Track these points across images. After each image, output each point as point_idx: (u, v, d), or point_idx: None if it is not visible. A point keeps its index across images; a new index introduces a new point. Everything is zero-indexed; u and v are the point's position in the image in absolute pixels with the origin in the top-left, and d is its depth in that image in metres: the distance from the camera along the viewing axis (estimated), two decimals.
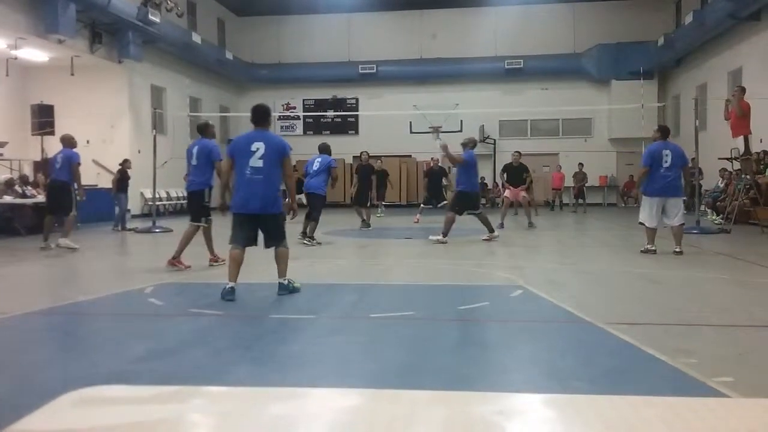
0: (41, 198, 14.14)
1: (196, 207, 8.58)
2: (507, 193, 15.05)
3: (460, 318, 5.24)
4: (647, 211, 9.27)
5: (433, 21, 27.57)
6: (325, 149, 11.54)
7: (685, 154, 9.57)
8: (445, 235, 11.05)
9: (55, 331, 5.04)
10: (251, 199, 5.94)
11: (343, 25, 27.85)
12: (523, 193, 14.91)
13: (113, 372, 3.73)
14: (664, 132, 9.76)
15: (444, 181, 16.43)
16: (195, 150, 8.45)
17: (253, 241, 6.15)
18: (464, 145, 11.44)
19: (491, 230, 11.40)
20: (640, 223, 9.50)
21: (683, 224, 9.36)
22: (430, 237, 11.29)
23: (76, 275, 8.52)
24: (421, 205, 16.70)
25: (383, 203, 19.07)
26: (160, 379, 3.56)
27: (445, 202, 15.33)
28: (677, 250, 9.09)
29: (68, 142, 10.82)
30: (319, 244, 10.98)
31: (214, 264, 8.42)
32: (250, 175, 5.92)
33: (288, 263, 6.22)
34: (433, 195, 16.35)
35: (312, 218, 11.31)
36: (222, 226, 7.48)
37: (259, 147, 5.92)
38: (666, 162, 9.17)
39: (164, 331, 4.98)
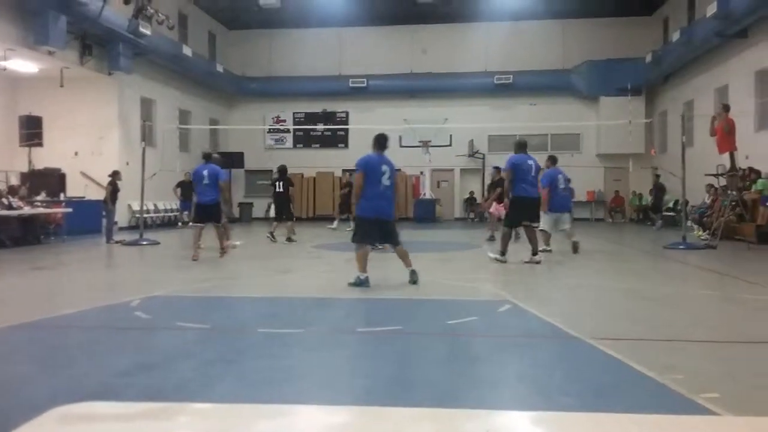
0: (27, 210, 14.05)
1: (219, 212, 11.34)
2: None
3: (448, 333, 5.23)
4: (549, 223, 11.60)
5: (424, 36, 27.71)
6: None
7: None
8: (502, 253, 10.18)
9: (40, 344, 4.98)
10: (383, 209, 7.67)
11: (334, 40, 27.95)
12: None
13: (98, 386, 3.69)
14: (554, 160, 12.33)
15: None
16: (205, 172, 11.07)
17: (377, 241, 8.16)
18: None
19: (535, 252, 10.19)
20: (542, 230, 11.41)
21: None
22: (489, 254, 10.41)
23: (61, 288, 8.44)
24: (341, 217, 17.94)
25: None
26: (146, 393, 3.53)
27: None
28: (575, 239, 11.72)
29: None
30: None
31: (224, 253, 11.25)
32: (383, 191, 7.63)
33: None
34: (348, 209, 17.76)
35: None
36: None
37: (386, 170, 7.65)
38: (561, 184, 11.82)
39: (150, 344, 4.94)
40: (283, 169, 14.93)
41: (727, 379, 3.83)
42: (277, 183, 14.81)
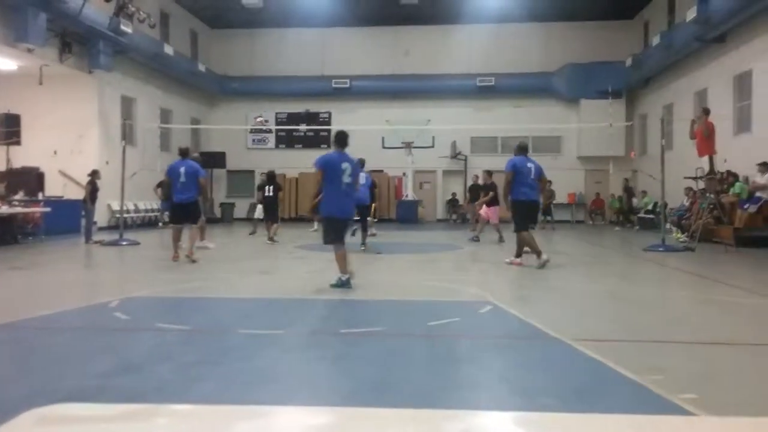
0: (5, 209, 13.86)
1: (197, 211, 10.84)
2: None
3: (430, 334, 5.24)
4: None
5: (407, 38, 27.76)
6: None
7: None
8: (539, 254, 9.85)
9: (16, 346, 4.91)
10: (346, 207, 7.68)
11: (318, 40, 27.89)
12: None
13: (76, 388, 3.65)
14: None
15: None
16: (182, 169, 10.44)
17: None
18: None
19: (518, 254, 10.17)
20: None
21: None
22: (505, 260, 10.28)
23: (39, 289, 8.34)
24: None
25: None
26: (125, 396, 3.49)
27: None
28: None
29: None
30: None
31: (190, 257, 10.31)
32: (345, 189, 7.53)
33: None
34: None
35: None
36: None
37: (346, 167, 7.55)
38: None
39: (129, 346, 4.90)
40: (272, 175, 15.63)
41: (706, 380, 3.88)
42: (266, 187, 15.43)
